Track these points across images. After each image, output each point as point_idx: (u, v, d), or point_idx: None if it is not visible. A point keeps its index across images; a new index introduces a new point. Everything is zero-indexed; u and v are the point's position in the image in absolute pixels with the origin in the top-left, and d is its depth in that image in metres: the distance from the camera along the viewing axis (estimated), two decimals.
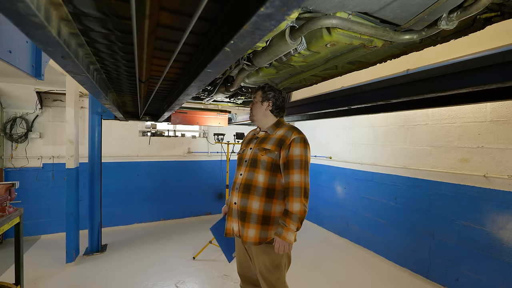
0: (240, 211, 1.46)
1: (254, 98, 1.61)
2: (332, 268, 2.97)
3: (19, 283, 2.00)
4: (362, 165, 3.56)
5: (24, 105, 3.49)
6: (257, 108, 1.59)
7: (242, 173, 1.51)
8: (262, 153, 1.46)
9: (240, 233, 1.47)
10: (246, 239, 1.43)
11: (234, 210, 1.50)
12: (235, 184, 1.54)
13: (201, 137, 4.87)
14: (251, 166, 1.48)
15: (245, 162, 1.54)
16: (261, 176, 1.44)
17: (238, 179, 1.53)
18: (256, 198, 1.43)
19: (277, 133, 1.53)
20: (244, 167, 1.52)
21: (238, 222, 1.48)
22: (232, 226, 1.52)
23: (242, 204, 1.46)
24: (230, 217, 1.53)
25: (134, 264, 2.94)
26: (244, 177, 1.49)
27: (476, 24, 1.04)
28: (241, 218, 1.46)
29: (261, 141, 1.54)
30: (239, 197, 1.47)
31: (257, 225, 1.42)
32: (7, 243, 3.39)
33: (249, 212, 1.43)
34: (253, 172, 1.46)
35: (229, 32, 0.64)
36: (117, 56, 1.11)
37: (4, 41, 1.18)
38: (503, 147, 2.20)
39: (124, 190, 4.12)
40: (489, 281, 2.21)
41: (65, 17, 0.68)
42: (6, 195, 1.88)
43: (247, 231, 1.43)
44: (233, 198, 1.52)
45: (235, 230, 1.50)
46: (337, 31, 1.02)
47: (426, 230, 2.72)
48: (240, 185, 1.49)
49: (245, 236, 1.43)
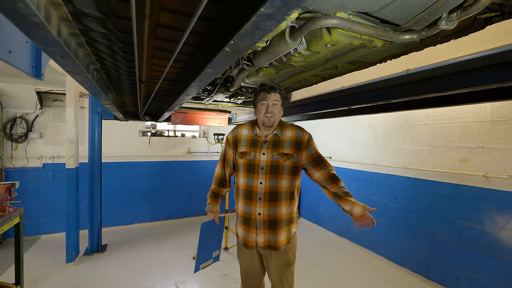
0: (269, 220, 1.41)
1: (275, 101, 1.45)
2: (332, 268, 2.97)
3: (19, 283, 2.00)
4: (362, 165, 3.56)
5: (24, 105, 3.49)
6: (279, 112, 1.48)
7: (262, 181, 1.42)
8: (285, 158, 1.42)
9: (269, 243, 1.43)
10: (280, 244, 1.41)
11: (259, 221, 1.42)
12: (254, 194, 1.43)
13: (201, 137, 4.87)
14: (273, 173, 1.41)
15: (261, 169, 1.43)
16: (285, 181, 1.42)
17: (257, 188, 1.43)
18: (283, 204, 1.42)
19: (286, 134, 1.48)
20: (262, 175, 1.42)
21: (265, 233, 1.42)
22: (257, 239, 1.44)
23: (271, 213, 1.41)
24: (252, 228, 1.44)
25: (134, 264, 2.94)
26: (266, 186, 1.41)
27: (476, 24, 1.03)
28: (270, 227, 1.42)
29: (275, 145, 1.46)
30: (266, 207, 1.41)
31: (285, 228, 1.43)
32: (7, 243, 3.39)
33: (279, 218, 1.41)
34: (276, 179, 1.41)
35: (229, 32, 0.64)
36: (117, 56, 1.11)
37: (4, 41, 1.18)
38: (503, 147, 2.20)
39: (124, 190, 4.12)
40: (489, 281, 2.21)
41: (65, 17, 0.68)
42: (6, 195, 1.88)
43: (280, 237, 1.41)
44: (256, 209, 1.43)
45: (261, 241, 1.43)
46: (337, 31, 1.02)
47: (426, 230, 2.72)
48: (264, 194, 1.41)
49: (278, 242, 1.41)
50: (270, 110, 1.43)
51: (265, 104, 1.45)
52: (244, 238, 1.48)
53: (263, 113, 1.45)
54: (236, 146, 1.54)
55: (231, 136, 1.58)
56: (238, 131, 1.57)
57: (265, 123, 1.46)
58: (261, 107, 1.46)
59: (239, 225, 1.52)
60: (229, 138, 1.59)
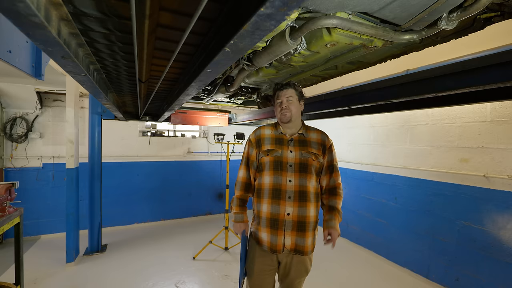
0: (298, 222, 1.36)
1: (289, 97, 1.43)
2: (332, 268, 2.97)
3: (19, 283, 2.00)
4: (362, 165, 3.56)
5: (24, 105, 3.49)
6: (297, 107, 1.46)
7: (292, 179, 1.37)
8: (313, 157, 1.40)
9: (296, 246, 1.37)
10: (307, 249, 1.37)
11: (287, 222, 1.35)
12: (283, 192, 1.37)
13: (201, 137, 4.87)
14: (302, 171, 1.38)
15: (289, 166, 1.39)
16: (312, 181, 1.40)
17: (286, 186, 1.37)
18: (312, 205, 1.38)
19: (311, 135, 1.47)
20: (291, 172, 1.38)
21: (293, 235, 1.36)
22: (284, 241, 1.37)
23: (300, 214, 1.35)
24: (280, 230, 1.36)
25: (134, 264, 2.94)
26: (296, 184, 1.37)
27: (476, 24, 1.04)
28: (299, 229, 1.36)
29: (302, 143, 1.44)
30: (296, 206, 1.35)
31: (312, 232, 1.39)
32: (7, 243, 3.39)
33: (308, 220, 1.36)
34: (304, 178, 1.38)
35: (229, 32, 0.64)
36: (117, 56, 1.11)
37: (4, 41, 1.18)
38: (503, 147, 2.20)
39: (124, 190, 4.12)
40: (489, 281, 2.21)
41: (65, 17, 0.68)
42: (6, 195, 1.88)
43: (307, 241, 1.37)
44: (285, 208, 1.36)
45: (288, 244, 1.37)
46: (337, 31, 1.02)
47: (426, 230, 2.72)
48: (294, 193, 1.36)
49: (306, 246, 1.36)
50: (284, 106, 1.43)
51: (279, 102, 1.46)
52: (270, 243, 1.38)
53: (279, 110, 1.45)
54: (260, 145, 1.49)
55: (253, 136, 1.53)
56: (261, 131, 1.53)
57: (282, 119, 1.45)
58: (277, 105, 1.47)
59: (263, 229, 1.40)
60: (251, 139, 1.53)
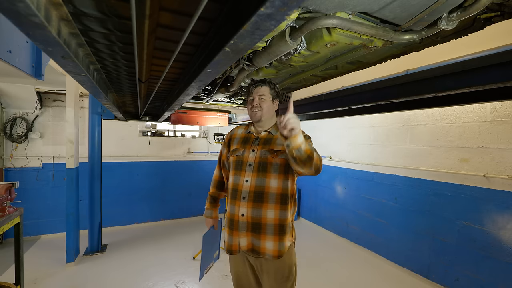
0: (252, 223, 1.28)
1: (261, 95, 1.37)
2: (331, 268, 2.97)
3: (19, 283, 2.00)
4: (362, 165, 3.56)
5: (24, 105, 3.49)
6: (269, 106, 1.38)
7: (248, 179, 1.31)
8: (273, 155, 1.30)
9: (253, 247, 1.30)
10: (264, 250, 1.27)
11: (241, 223, 1.30)
12: (239, 192, 1.32)
13: (201, 137, 4.87)
14: (260, 171, 1.30)
15: (249, 166, 1.33)
16: (273, 181, 1.29)
17: (242, 186, 1.32)
18: (271, 206, 1.28)
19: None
20: (249, 172, 1.32)
21: (249, 235, 1.30)
22: (239, 242, 1.31)
23: (255, 215, 1.28)
24: (235, 231, 1.32)
25: (134, 264, 2.94)
26: (252, 184, 1.30)
27: (476, 24, 1.03)
28: (253, 230, 1.29)
29: (266, 142, 1.36)
30: (249, 207, 1.28)
31: (274, 237, 1.27)
32: (7, 243, 3.39)
33: (264, 222, 1.27)
34: (263, 178, 1.29)
35: (229, 32, 0.64)
36: (117, 56, 1.11)
37: (4, 41, 1.18)
38: (503, 147, 2.20)
39: (124, 190, 4.12)
40: (489, 281, 2.21)
41: (65, 17, 0.68)
42: (6, 195, 1.88)
43: (264, 243, 1.27)
44: (239, 209, 1.30)
45: (244, 245, 1.31)
46: (337, 31, 1.02)
47: (426, 230, 2.72)
48: (249, 193, 1.29)
49: (262, 248, 1.27)
50: (255, 104, 1.36)
51: (251, 99, 1.39)
52: (227, 243, 1.36)
53: (250, 108, 1.39)
54: (230, 145, 1.48)
55: (227, 135, 1.54)
56: (234, 130, 1.53)
57: (252, 118, 1.39)
58: (249, 102, 1.41)
59: (225, 229, 1.38)
60: (225, 138, 1.55)
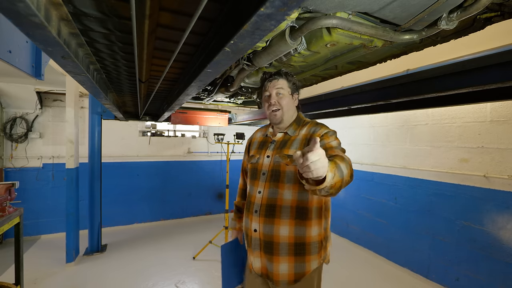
0: (264, 241, 1.10)
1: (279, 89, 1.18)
2: (331, 268, 2.97)
3: (19, 283, 2.00)
4: (362, 165, 3.56)
5: (24, 105, 3.49)
6: (288, 102, 1.19)
7: (261, 190, 1.14)
8: (287, 161, 1.09)
9: (267, 271, 1.11)
10: (278, 277, 1.07)
11: (254, 240, 1.13)
12: (252, 205, 1.16)
13: (201, 137, 4.87)
14: (273, 181, 1.12)
15: (262, 175, 1.16)
16: (287, 192, 1.08)
17: (255, 198, 1.15)
18: (284, 222, 1.07)
19: (300, 132, 1.17)
20: (262, 182, 1.15)
21: (261, 256, 1.12)
22: (253, 262, 1.15)
23: (266, 232, 1.09)
24: (249, 248, 1.16)
25: (134, 264, 2.94)
26: (264, 196, 1.12)
27: (476, 24, 1.03)
28: (265, 250, 1.10)
29: (281, 145, 1.17)
30: (261, 222, 1.10)
31: (289, 257, 1.07)
32: (7, 243, 3.39)
33: (276, 241, 1.07)
34: (275, 188, 1.10)
35: (229, 32, 0.65)
36: (117, 56, 1.11)
37: (4, 41, 1.18)
38: (503, 147, 2.20)
39: (124, 190, 4.12)
40: (489, 281, 2.21)
41: (65, 17, 0.68)
42: (6, 195, 1.88)
43: (278, 267, 1.07)
44: (251, 224, 1.14)
45: (257, 267, 1.14)
46: (337, 31, 1.02)
47: (426, 230, 2.72)
48: (261, 206, 1.12)
49: (275, 274, 1.08)
50: (273, 102, 1.17)
51: (268, 95, 1.20)
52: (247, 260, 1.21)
53: (267, 107, 1.21)
54: (249, 150, 1.34)
55: (248, 140, 1.40)
56: (254, 134, 1.38)
57: (271, 120, 1.22)
58: (265, 99, 1.22)
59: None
60: (246, 143, 1.40)
